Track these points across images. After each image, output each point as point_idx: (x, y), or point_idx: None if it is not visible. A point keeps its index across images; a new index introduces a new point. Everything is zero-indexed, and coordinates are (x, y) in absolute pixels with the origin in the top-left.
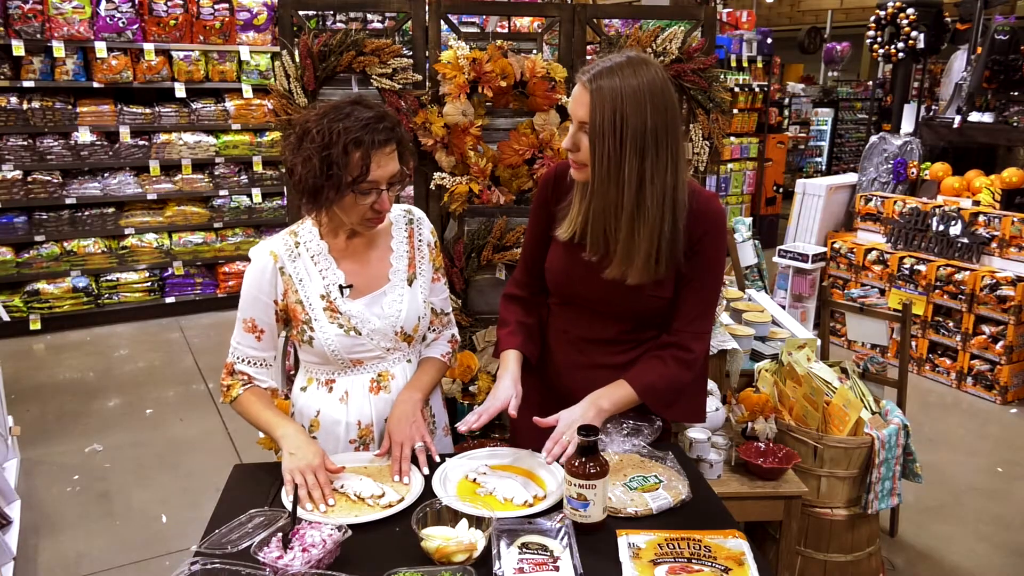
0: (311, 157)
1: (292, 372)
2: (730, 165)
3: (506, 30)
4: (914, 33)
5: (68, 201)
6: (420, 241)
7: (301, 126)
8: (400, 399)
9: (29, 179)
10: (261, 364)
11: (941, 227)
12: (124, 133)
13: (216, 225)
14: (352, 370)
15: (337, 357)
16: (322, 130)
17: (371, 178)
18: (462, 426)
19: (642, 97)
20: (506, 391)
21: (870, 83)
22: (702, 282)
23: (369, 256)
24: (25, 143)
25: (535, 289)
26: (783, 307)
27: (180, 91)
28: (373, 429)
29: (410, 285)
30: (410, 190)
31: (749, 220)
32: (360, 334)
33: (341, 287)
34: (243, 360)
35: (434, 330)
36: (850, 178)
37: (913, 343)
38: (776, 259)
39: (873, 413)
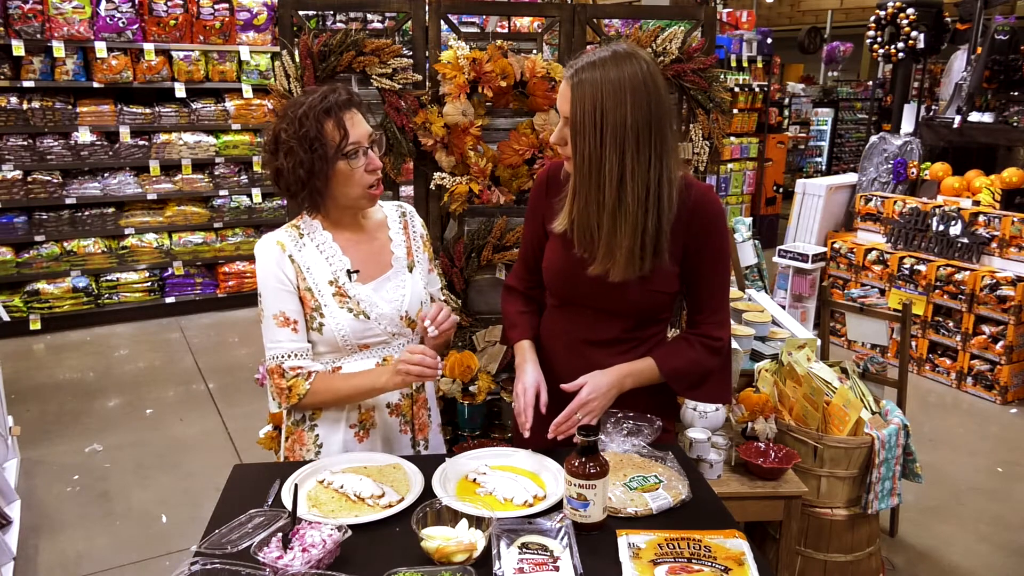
0: (292, 147)
1: None
2: (730, 165)
3: (506, 30)
4: (914, 33)
5: (68, 201)
6: (414, 232)
7: (272, 134)
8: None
9: (29, 179)
10: (306, 354)
11: (941, 227)
12: (124, 133)
13: (216, 225)
14: (358, 355)
15: (347, 343)
16: (289, 121)
17: (352, 139)
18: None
19: (622, 91)
20: (531, 375)
21: (870, 83)
22: (713, 273)
23: (371, 245)
24: (25, 143)
25: (532, 284)
26: (783, 307)
27: (180, 91)
28: (374, 414)
29: (410, 272)
30: (410, 190)
31: (749, 220)
32: (369, 318)
33: (349, 271)
34: (290, 355)
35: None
36: (850, 178)
37: (913, 343)
38: (776, 259)
39: (873, 413)
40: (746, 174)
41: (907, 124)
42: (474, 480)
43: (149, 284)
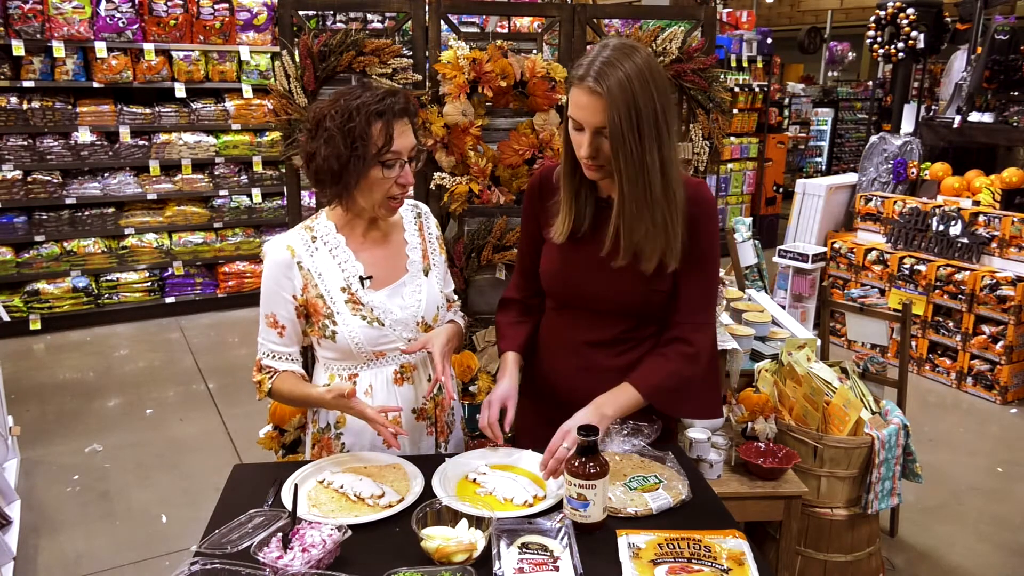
0: (333, 136)
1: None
2: (730, 165)
3: (506, 30)
4: (914, 33)
5: (68, 201)
6: (430, 234)
7: (315, 115)
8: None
9: (29, 179)
10: (287, 358)
11: (941, 227)
12: (124, 133)
13: (216, 225)
14: (375, 363)
15: (361, 350)
16: (340, 109)
17: (394, 148)
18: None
19: (644, 79)
20: (500, 389)
21: (870, 83)
22: (701, 270)
23: (386, 249)
24: (25, 143)
25: (531, 292)
26: (783, 307)
27: (180, 91)
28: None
29: (426, 275)
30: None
31: (749, 220)
32: (384, 325)
33: (362, 278)
34: (269, 355)
35: (452, 311)
36: (850, 178)
37: (913, 343)
38: (776, 259)
39: (873, 413)
40: (746, 174)
41: (907, 124)
42: (474, 480)
43: (149, 284)
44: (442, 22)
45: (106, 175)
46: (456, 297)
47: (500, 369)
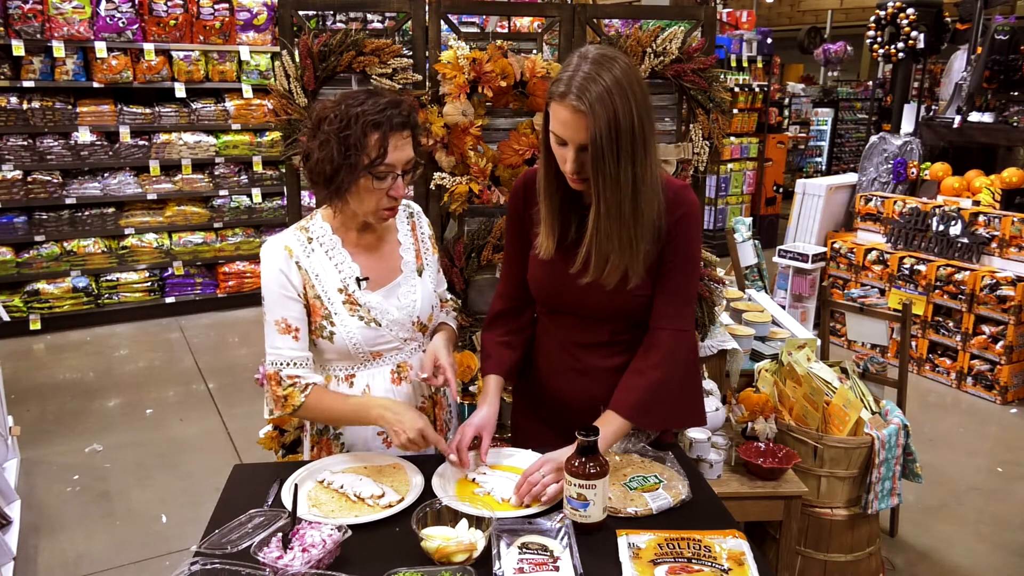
0: (329, 140)
1: None
2: (730, 165)
3: (506, 30)
4: (914, 33)
5: (68, 201)
6: (422, 233)
7: (318, 113)
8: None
9: (29, 179)
10: (306, 364)
11: (941, 227)
12: (124, 133)
13: (216, 225)
14: (372, 363)
15: (359, 351)
16: (340, 114)
17: (388, 161)
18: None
19: (627, 95)
20: (479, 416)
21: (870, 83)
22: (679, 274)
23: (380, 250)
24: (25, 143)
25: (521, 301)
26: (783, 307)
27: (180, 91)
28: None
29: (420, 275)
30: (409, 189)
31: (749, 220)
32: (380, 325)
33: (358, 279)
34: (288, 364)
35: (444, 311)
36: (850, 178)
37: (913, 343)
38: (776, 259)
39: (873, 413)
40: (746, 174)
41: (907, 124)
42: (474, 480)
43: (149, 284)
44: (442, 22)
45: (106, 175)
46: (449, 296)
47: (482, 393)
